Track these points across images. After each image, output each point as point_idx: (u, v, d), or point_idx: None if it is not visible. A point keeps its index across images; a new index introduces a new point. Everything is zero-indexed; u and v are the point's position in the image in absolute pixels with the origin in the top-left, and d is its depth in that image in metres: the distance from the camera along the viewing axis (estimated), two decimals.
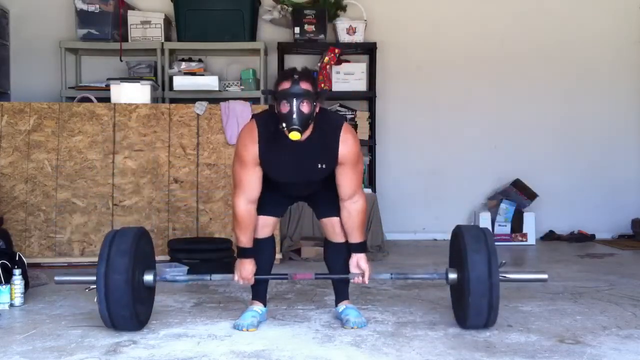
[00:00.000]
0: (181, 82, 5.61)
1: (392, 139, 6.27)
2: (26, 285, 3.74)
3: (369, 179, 5.98)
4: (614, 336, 3.05)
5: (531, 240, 6.05)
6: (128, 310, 2.99)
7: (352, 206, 3.14)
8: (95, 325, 3.17)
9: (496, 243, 3.21)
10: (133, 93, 5.25)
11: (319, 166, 3.07)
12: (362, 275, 3.18)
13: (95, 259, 3.04)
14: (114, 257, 2.97)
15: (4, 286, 3.55)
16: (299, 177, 3.12)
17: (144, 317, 3.17)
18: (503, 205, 6.08)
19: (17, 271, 3.64)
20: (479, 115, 6.34)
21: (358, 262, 3.18)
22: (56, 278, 3.22)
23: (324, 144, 3.05)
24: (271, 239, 3.28)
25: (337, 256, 3.29)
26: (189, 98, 5.56)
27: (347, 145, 3.06)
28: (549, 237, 6.24)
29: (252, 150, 3.04)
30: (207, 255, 4.57)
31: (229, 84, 5.89)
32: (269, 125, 3.05)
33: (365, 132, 5.95)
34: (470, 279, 2.96)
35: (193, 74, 5.72)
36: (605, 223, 6.32)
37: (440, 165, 6.31)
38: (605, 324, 3.24)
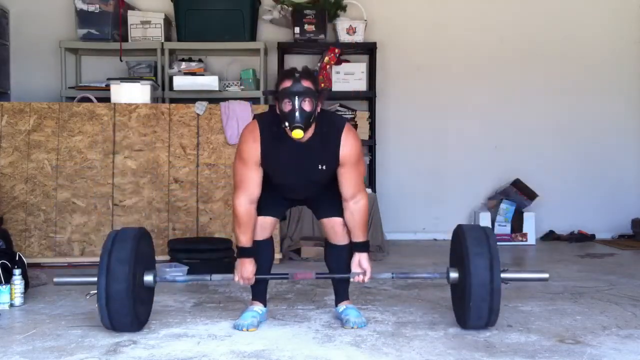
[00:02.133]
0: (181, 82, 5.61)
1: (392, 139, 6.27)
2: (26, 285, 3.75)
3: (369, 179, 5.97)
4: (614, 336, 3.05)
5: (531, 240, 6.05)
6: (129, 316, 3.00)
7: (355, 206, 3.14)
8: (95, 325, 3.17)
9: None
10: (133, 93, 5.25)
11: (320, 167, 3.07)
12: (364, 274, 3.18)
13: (95, 259, 3.05)
14: (114, 266, 2.96)
15: (4, 286, 3.55)
16: (299, 178, 3.12)
17: (144, 318, 3.17)
18: (503, 205, 6.09)
19: (17, 271, 3.64)
20: (479, 115, 6.34)
21: (360, 261, 3.18)
22: (55, 279, 3.22)
23: (326, 145, 3.06)
24: (270, 240, 3.28)
25: (337, 258, 3.29)
26: (189, 98, 5.56)
27: (348, 146, 3.06)
28: (549, 237, 6.24)
29: (254, 150, 3.05)
30: (207, 255, 4.57)
31: (229, 84, 5.89)
32: (271, 126, 3.06)
33: (365, 132, 5.95)
34: (471, 284, 2.95)
35: (193, 74, 5.72)
36: (605, 223, 6.32)
37: (440, 165, 6.31)
38: (605, 324, 3.24)
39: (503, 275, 3.04)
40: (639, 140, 6.44)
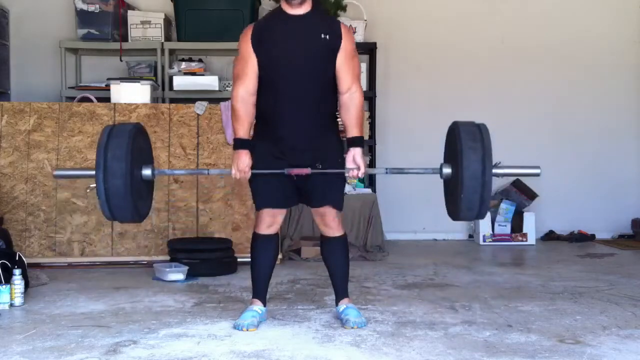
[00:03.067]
0: (181, 82, 5.61)
1: (392, 139, 6.27)
2: (26, 285, 3.75)
3: (369, 178, 5.98)
4: (614, 336, 3.05)
5: (531, 240, 6.05)
6: (129, 209, 2.97)
7: (350, 97, 3.15)
8: (95, 325, 3.17)
9: (496, 243, 3.20)
10: (133, 93, 5.25)
11: (322, 36, 3.11)
12: (358, 169, 3.16)
13: (96, 259, 3.04)
14: (110, 163, 2.90)
15: (4, 286, 3.55)
16: (300, 54, 3.10)
17: (145, 211, 3.15)
18: (503, 205, 6.08)
19: (17, 271, 3.64)
20: (479, 115, 6.23)
21: (354, 156, 3.17)
22: (55, 172, 3.21)
23: (324, 22, 3.17)
24: (275, 237, 3.28)
25: (334, 252, 3.31)
26: (189, 98, 5.56)
27: (348, 37, 3.16)
28: (549, 237, 6.24)
29: (248, 42, 3.12)
30: (207, 255, 4.57)
31: (229, 83, 5.88)
32: (266, 17, 3.24)
33: (365, 132, 5.95)
34: (464, 176, 2.94)
35: (193, 73, 5.72)
36: (605, 223, 6.32)
37: None
38: (605, 324, 3.24)
39: (495, 170, 3.02)
40: (639, 140, 6.44)
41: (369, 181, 5.96)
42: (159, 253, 4.87)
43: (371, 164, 6.02)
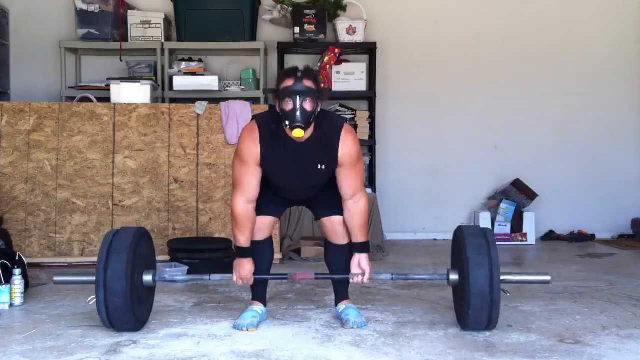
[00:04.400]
0: (181, 82, 5.61)
1: (392, 139, 6.27)
2: (26, 285, 3.75)
3: (369, 179, 5.97)
4: (614, 336, 3.05)
5: (531, 240, 6.05)
6: (130, 323, 3.02)
7: (354, 206, 3.14)
8: (95, 325, 3.17)
9: (496, 243, 3.20)
10: (133, 93, 5.25)
11: (319, 167, 3.07)
12: (363, 275, 3.18)
13: (95, 259, 3.01)
14: (111, 281, 2.93)
15: (4, 286, 3.55)
16: (298, 178, 3.12)
17: (144, 317, 3.18)
18: (503, 205, 6.09)
19: (17, 271, 3.64)
20: (479, 115, 6.34)
21: (360, 261, 3.18)
22: (55, 278, 3.22)
23: (324, 145, 3.06)
24: (269, 240, 3.28)
25: (337, 257, 3.29)
26: (189, 98, 5.56)
27: (347, 145, 3.07)
28: (549, 237, 6.24)
29: (253, 151, 3.05)
30: (207, 255, 4.57)
31: (229, 83, 5.89)
32: (270, 125, 3.06)
33: (365, 132, 5.95)
34: (471, 294, 2.95)
35: (193, 73, 5.72)
36: (605, 223, 6.32)
37: (440, 165, 6.31)
38: (605, 324, 3.24)
39: (503, 277, 3.01)
40: (639, 140, 6.44)
41: (369, 181, 5.96)
42: (159, 253, 4.85)
43: (371, 163, 6.02)
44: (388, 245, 5.63)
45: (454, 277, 3.16)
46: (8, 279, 3.61)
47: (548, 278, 3.21)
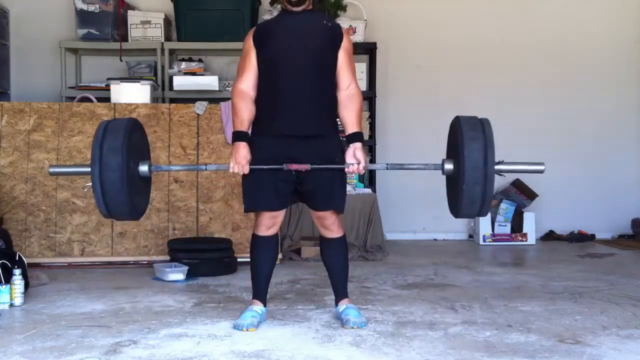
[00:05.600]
0: (181, 82, 5.61)
1: (392, 139, 6.27)
2: (26, 285, 3.75)
3: (369, 178, 5.98)
4: (614, 336, 3.05)
5: (531, 240, 6.05)
6: (126, 205, 2.94)
7: (350, 94, 3.20)
8: (95, 325, 3.17)
9: (496, 243, 3.20)
10: (133, 93, 5.25)
11: (322, 32, 3.18)
12: (358, 164, 3.17)
13: (96, 259, 3.04)
14: (106, 157, 2.87)
15: (4, 286, 3.55)
16: (301, 44, 3.15)
17: (142, 208, 3.14)
18: (503, 205, 6.09)
19: (17, 271, 3.64)
20: (479, 115, 6.32)
21: (354, 152, 3.18)
22: (50, 169, 3.13)
23: (325, 21, 3.23)
24: (274, 238, 3.28)
25: (334, 253, 3.31)
26: (189, 98, 5.56)
27: (347, 34, 3.23)
28: (549, 237, 6.24)
29: (249, 39, 3.20)
30: (207, 255, 4.57)
31: (229, 83, 5.88)
32: (268, 20, 3.35)
33: (365, 132, 5.95)
34: (465, 168, 2.92)
35: (193, 73, 5.72)
36: (605, 223, 6.32)
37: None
38: (605, 324, 3.24)
39: (498, 167, 3.00)
40: (639, 140, 6.44)
41: (369, 181, 5.96)
42: (159, 253, 4.87)
43: (371, 163, 6.02)
44: (388, 245, 5.63)
45: (448, 166, 3.15)
46: (8, 279, 3.61)
47: (542, 168, 3.19)
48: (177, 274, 4.31)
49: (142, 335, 3.05)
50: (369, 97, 6.04)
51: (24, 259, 3.92)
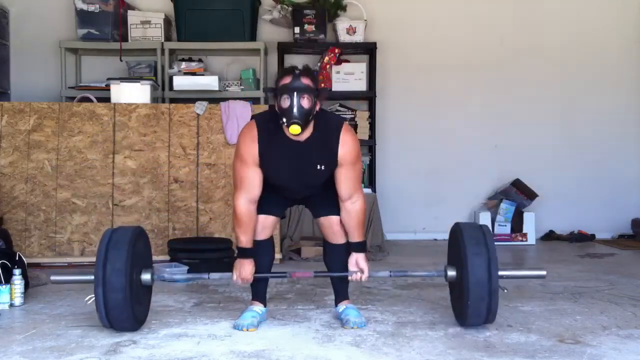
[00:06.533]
0: (181, 82, 5.61)
1: (392, 139, 6.27)
2: (26, 285, 3.75)
3: (369, 179, 5.98)
4: (614, 336, 3.04)
5: (531, 240, 6.05)
6: (128, 320, 3.01)
7: (352, 206, 3.14)
8: (95, 325, 3.17)
9: (496, 243, 3.20)
10: (133, 93, 5.25)
11: (318, 167, 3.07)
12: (361, 272, 3.18)
13: (95, 259, 3.01)
14: (110, 276, 2.92)
15: (4, 286, 3.55)
16: (298, 179, 3.12)
17: (143, 317, 3.17)
18: (503, 205, 6.09)
19: (17, 271, 3.64)
20: (479, 115, 6.34)
21: (357, 261, 3.19)
22: (52, 278, 3.21)
23: (324, 145, 3.06)
24: (270, 240, 3.28)
25: (336, 257, 3.30)
26: (189, 98, 5.56)
27: (346, 145, 3.07)
28: (549, 237, 6.24)
29: (252, 150, 3.05)
30: (207, 255, 4.57)
31: (229, 83, 5.89)
32: (269, 125, 3.06)
33: (365, 132, 5.95)
34: (469, 283, 2.95)
35: (193, 73, 5.72)
36: (605, 223, 6.32)
37: (440, 165, 6.31)
38: (605, 324, 3.24)
39: (500, 272, 3.03)
40: (639, 140, 6.44)
41: (369, 181, 5.96)
42: (159, 253, 4.87)
43: (371, 163, 6.02)
44: (388, 245, 5.63)
45: (451, 272, 3.17)
46: (8, 279, 3.61)
47: (543, 273, 3.26)
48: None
49: (142, 335, 3.04)
50: (369, 97, 6.05)
51: (24, 259, 3.92)
